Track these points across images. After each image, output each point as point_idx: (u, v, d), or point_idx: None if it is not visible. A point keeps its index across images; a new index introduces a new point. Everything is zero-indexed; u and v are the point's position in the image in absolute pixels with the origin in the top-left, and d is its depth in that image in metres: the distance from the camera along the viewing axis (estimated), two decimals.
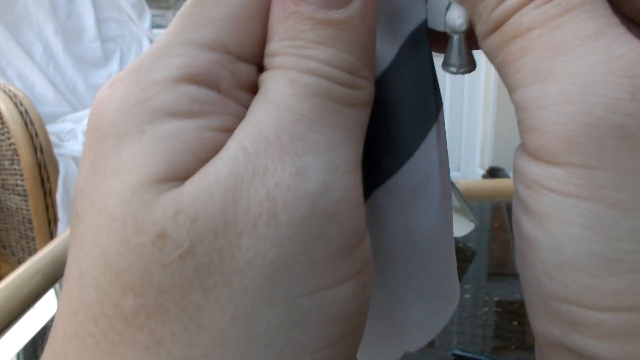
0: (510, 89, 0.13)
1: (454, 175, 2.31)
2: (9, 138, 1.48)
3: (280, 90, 0.13)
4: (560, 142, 0.12)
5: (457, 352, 0.43)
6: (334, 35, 0.13)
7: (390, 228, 0.16)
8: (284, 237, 0.12)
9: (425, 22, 0.15)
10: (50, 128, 1.61)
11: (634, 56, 0.11)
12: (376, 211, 0.16)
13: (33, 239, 1.55)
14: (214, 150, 0.12)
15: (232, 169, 0.12)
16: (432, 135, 0.15)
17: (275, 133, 0.12)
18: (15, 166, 1.50)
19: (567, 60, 0.12)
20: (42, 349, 0.13)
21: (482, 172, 2.19)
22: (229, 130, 0.13)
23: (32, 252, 1.57)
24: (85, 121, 1.84)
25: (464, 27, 0.14)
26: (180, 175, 0.12)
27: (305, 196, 0.12)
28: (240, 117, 0.13)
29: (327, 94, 0.13)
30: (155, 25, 2.36)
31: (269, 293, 0.12)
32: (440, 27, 0.14)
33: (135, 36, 2.16)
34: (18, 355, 0.44)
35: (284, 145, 0.12)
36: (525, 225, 0.13)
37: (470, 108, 2.69)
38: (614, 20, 0.12)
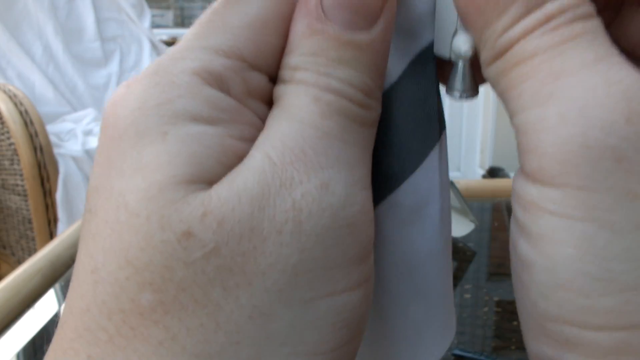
0: (511, 113, 0.13)
1: (454, 175, 2.30)
2: (8, 138, 1.48)
3: (304, 106, 0.13)
4: (557, 164, 0.12)
5: (457, 352, 0.43)
6: (355, 57, 0.14)
7: (389, 248, 0.16)
8: (306, 244, 0.12)
9: (432, 43, 0.15)
10: (50, 128, 1.60)
11: (631, 81, 0.12)
12: (376, 229, 0.15)
13: (33, 239, 1.55)
14: (234, 157, 0.13)
15: (260, 178, 0.12)
16: (434, 154, 0.16)
17: (300, 147, 0.13)
18: (15, 166, 1.50)
19: (567, 84, 0.12)
20: (42, 349, 0.13)
21: (482, 172, 2.19)
22: (246, 139, 0.13)
23: (32, 252, 1.57)
24: (85, 121, 1.85)
25: (469, 53, 0.14)
26: (205, 179, 0.12)
27: (329, 207, 0.13)
28: (254, 126, 0.14)
29: (347, 113, 0.13)
30: (155, 25, 2.36)
31: (288, 294, 0.12)
32: (446, 54, 0.15)
33: (135, 36, 2.16)
34: (18, 355, 0.44)
35: (309, 159, 0.13)
36: (522, 247, 0.13)
37: (470, 108, 2.69)
38: (613, 49, 0.12)
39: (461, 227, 0.59)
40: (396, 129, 0.15)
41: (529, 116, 0.13)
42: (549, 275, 0.12)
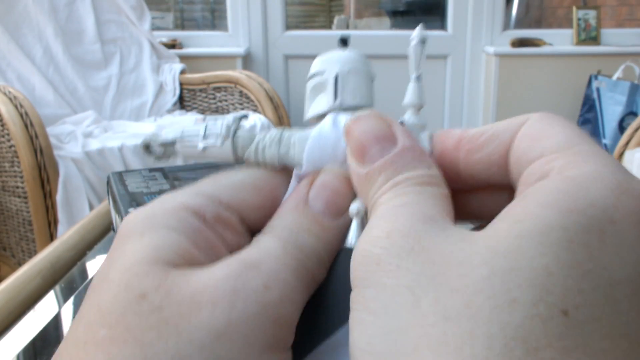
0: None
1: None
2: (9, 140, 1.48)
3: (272, 246, 0.19)
4: (353, 272, 0.17)
5: None
6: (318, 232, 0.20)
7: None
8: (233, 319, 0.17)
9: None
10: (50, 130, 1.61)
11: (407, 214, 0.17)
12: None
13: (33, 241, 1.55)
14: (187, 253, 0.18)
15: (212, 275, 0.17)
16: None
17: (256, 263, 0.18)
18: (16, 168, 1.50)
19: (375, 219, 0.17)
20: (42, 351, 0.16)
21: None
22: (199, 247, 0.19)
23: (32, 253, 1.57)
24: (86, 123, 1.84)
25: (361, 214, 0.20)
26: (164, 262, 0.18)
27: (262, 300, 0.17)
28: (210, 242, 0.19)
29: (302, 262, 0.19)
30: (155, 27, 2.36)
31: (207, 351, 0.16)
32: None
33: (135, 38, 2.17)
34: (18, 357, 0.44)
35: (260, 272, 0.18)
36: None
37: (470, 108, 2.69)
38: (429, 201, 0.17)
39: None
40: (338, 286, 0.20)
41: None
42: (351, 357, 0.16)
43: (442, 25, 2.65)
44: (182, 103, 2.19)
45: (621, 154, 1.39)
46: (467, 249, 0.15)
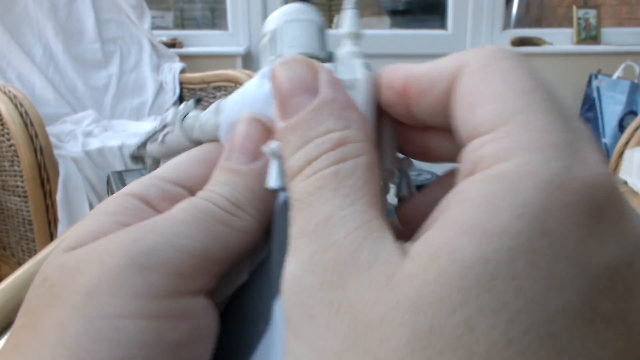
0: None
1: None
2: (9, 139, 1.48)
3: (179, 206, 0.19)
4: (285, 303, 0.16)
5: None
6: (234, 180, 0.20)
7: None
8: (101, 274, 0.17)
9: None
10: (50, 129, 1.61)
11: (321, 244, 0.15)
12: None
13: (33, 240, 1.55)
14: (106, 233, 0.19)
15: (98, 242, 0.18)
16: None
17: (142, 225, 0.18)
18: (15, 167, 1.50)
19: (300, 243, 0.16)
20: None
21: None
22: (127, 225, 0.19)
23: (32, 253, 1.57)
24: (86, 122, 1.84)
25: (277, 154, 0.18)
26: (74, 247, 0.19)
27: (127, 251, 0.17)
28: (144, 218, 0.20)
29: (208, 212, 0.19)
30: (155, 27, 2.36)
31: (82, 311, 0.17)
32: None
33: (135, 37, 2.16)
34: None
35: (135, 229, 0.18)
36: None
37: None
38: (350, 197, 0.15)
39: None
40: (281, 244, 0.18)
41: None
42: None
43: (442, 25, 2.64)
44: (182, 102, 2.19)
45: (621, 153, 1.39)
46: (389, 300, 0.13)
